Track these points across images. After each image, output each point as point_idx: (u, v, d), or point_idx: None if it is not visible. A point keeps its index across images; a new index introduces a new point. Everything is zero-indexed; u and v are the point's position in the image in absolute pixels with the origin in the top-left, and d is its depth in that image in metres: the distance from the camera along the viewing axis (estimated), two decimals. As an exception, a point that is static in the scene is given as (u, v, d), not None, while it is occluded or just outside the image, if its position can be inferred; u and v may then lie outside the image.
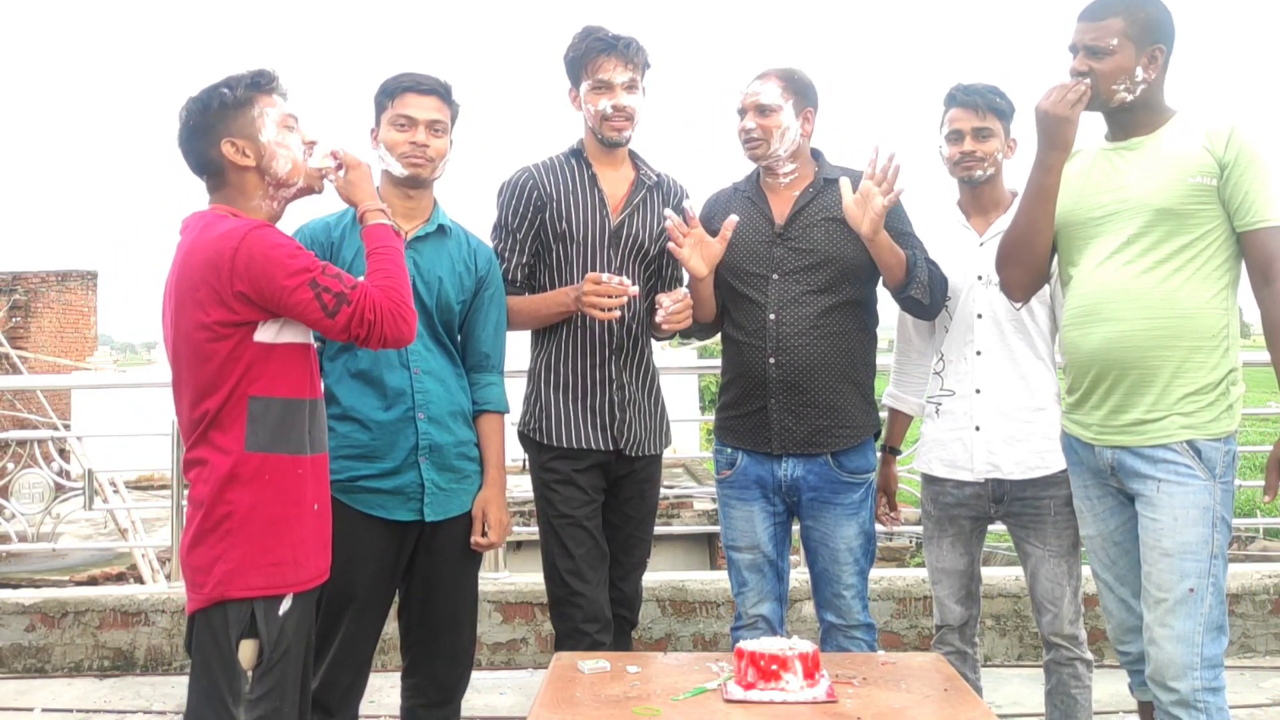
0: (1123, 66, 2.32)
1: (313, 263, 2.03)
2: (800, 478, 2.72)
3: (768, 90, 2.71)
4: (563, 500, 2.77)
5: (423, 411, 2.56)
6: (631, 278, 2.79)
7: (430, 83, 2.61)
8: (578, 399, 2.78)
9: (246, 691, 2.03)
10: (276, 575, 2.05)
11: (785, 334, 2.69)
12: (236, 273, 1.97)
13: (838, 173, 2.75)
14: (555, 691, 2.22)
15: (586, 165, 2.83)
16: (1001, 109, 2.73)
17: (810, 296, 2.69)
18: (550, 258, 2.82)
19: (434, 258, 2.63)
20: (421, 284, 2.58)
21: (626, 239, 2.81)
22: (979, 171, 2.74)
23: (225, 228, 2.02)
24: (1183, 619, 2.20)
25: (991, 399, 2.71)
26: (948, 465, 2.77)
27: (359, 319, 2.03)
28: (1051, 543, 2.69)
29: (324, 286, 2.01)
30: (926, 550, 2.86)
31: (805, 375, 2.69)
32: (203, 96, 2.10)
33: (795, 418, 2.70)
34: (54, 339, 16.65)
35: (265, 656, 2.04)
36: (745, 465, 2.77)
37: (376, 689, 3.47)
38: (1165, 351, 2.27)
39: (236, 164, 2.10)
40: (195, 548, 2.05)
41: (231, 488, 2.03)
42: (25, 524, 4.71)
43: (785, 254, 2.72)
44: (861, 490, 2.75)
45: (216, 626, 2.02)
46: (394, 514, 2.54)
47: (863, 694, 2.19)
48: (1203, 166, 2.28)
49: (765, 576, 2.79)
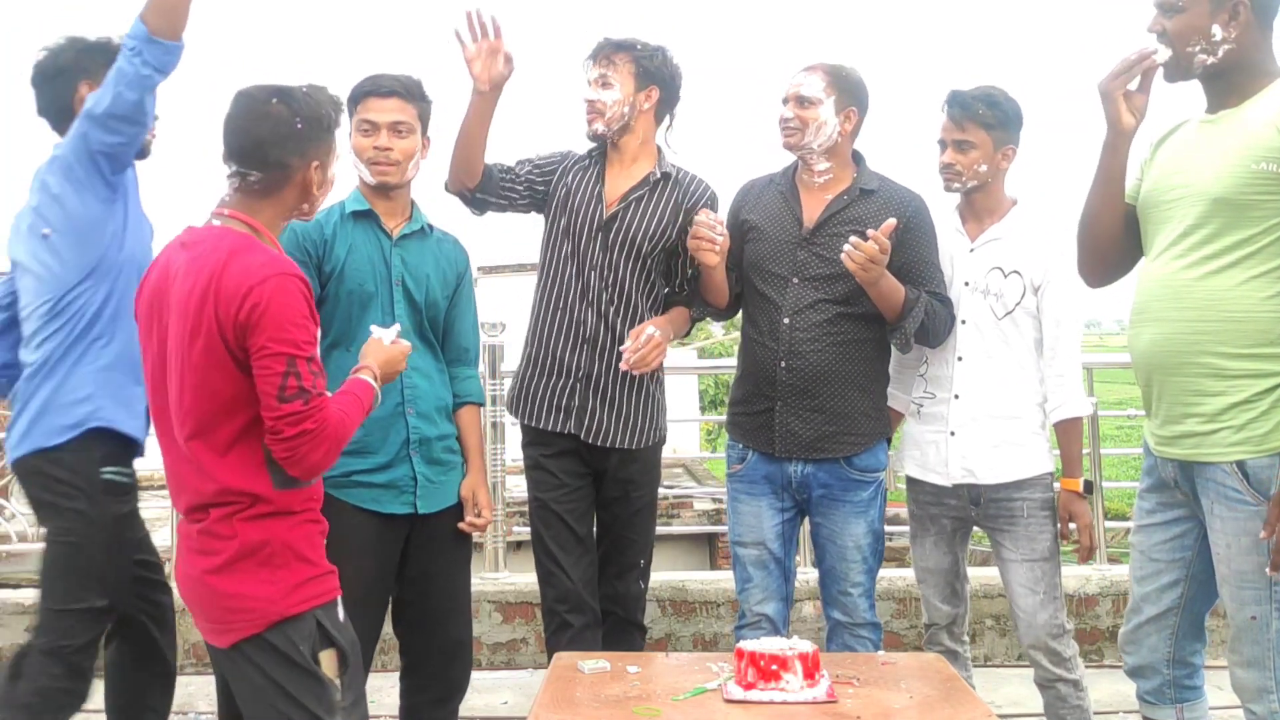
0: (1195, 25, 2.08)
1: (308, 343, 1.93)
2: (810, 474, 2.74)
3: (811, 82, 2.72)
4: (536, 484, 2.84)
5: (412, 406, 2.59)
6: (617, 271, 2.79)
7: (389, 83, 2.58)
8: (544, 381, 2.82)
9: (340, 701, 1.98)
10: (329, 582, 2.02)
11: (798, 339, 2.70)
12: (243, 308, 1.89)
13: (876, 181, 2.76)
14: (555, 691, 2.22)
15: (599, 158, 2.86)
16: (988, 120, 2.65)
17: (826, 304, 2.70)
18: (546, 243, 2.86)
19: (420, 256, 2.65)
20: (411, 281, 2.60)
21: (616, 233, 2.79)
22: (956, 183, 2.72)
23: (255, 260, 1.92)
24: (1249, 645, 2.13)
25: (969, 405, 2.70)
26: (922, 467, 2.78)
27: (297, 420, 1.88)
28: (1024, 546, 2.66)
29: (297, 370, 1.89)
30: (912, 549, 2.88)
31: (814, 382, 2.70)
32: (312, 107, 2.03)
33: (802, 422, 2.71)
34: (54, 339, 16.60)
35: (349, 661, 2.02)
36: (755, 461, 2.79)
37: (376, 689, 3.45)
38: (1210, 358, 2.09)
39: (306, 184, 2.04)
40: (229, 575, 1.94)
41: (271, 519, 1.96)
42: (25, 524, 4.71)
43: (808, 258, 2.72)
44: (871, 489, 2.75)
45: (283, 647, 1.94)
46: (387, 507, 2.57)
47: (863, 694, 2.19)
48: (1270, 150, 2.02)
49: (770, 574, 2.79)
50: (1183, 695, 2.33)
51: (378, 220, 2.63)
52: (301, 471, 1.93)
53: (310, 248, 2.56)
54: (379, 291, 2.59)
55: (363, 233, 2.62)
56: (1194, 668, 2.34)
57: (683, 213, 2.80)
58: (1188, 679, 2.33)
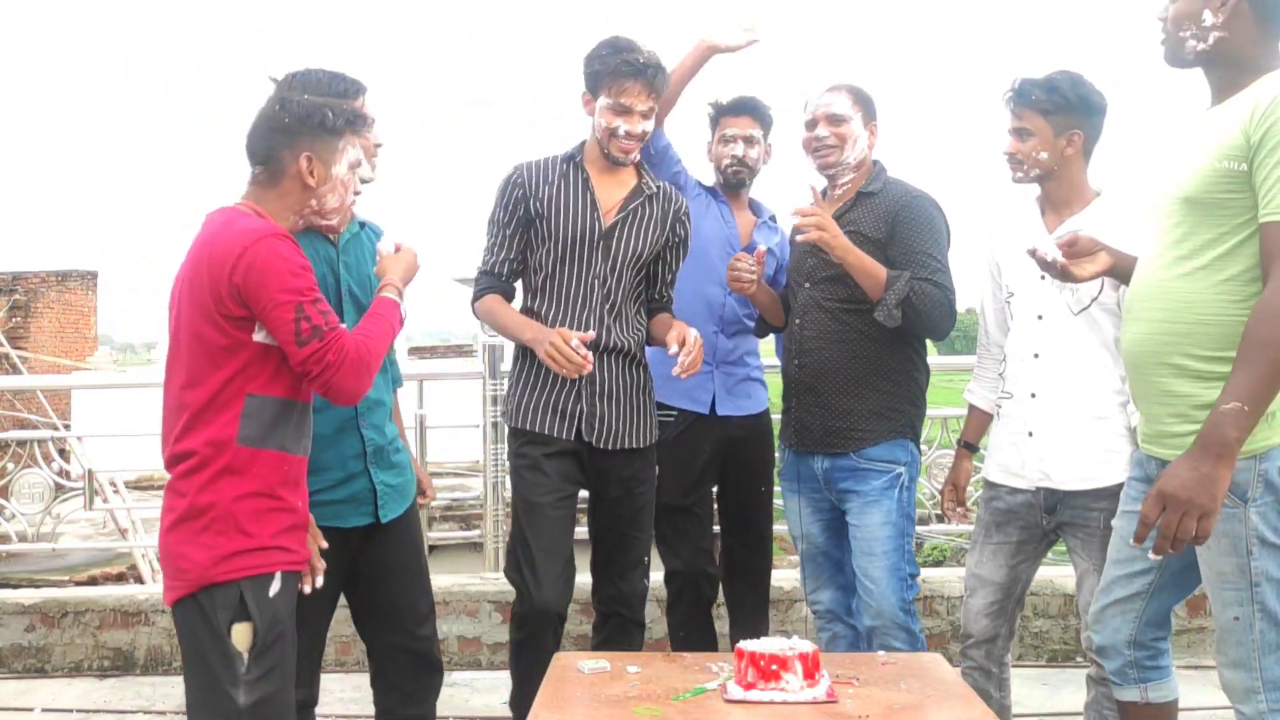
0: (1187, 9, 2.07)
1: (309, 288, 2.05)
2: (829, 469, 2.83)
3: (839, 101, 2.84)
4: (529, 486, 2.80)
5: (364, 419, 2.50)
6: (620, 281, 2.82)
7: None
8: (545, 387, 2.81)
9: (244, 673, 2.03)
10: (263, 557, 2.07)
11: (806, 338, 2.85)
12: (237, 270, 2.00)
13: (879, 184, 2.85)
14: (555, 691, 2.22)
15: (581, 169, 2.85)
16: (1044, 106, 2.57)
17: (831, 304, 2.82)
18: (539, 258, 2.83)
19: (359, 256, 2.55)
20: (356, 286, 2.52)
21: (618, 243, 2.81)
22: (1018, 172, 2.65)
23: (244, 226, 2.05)
24: (1234, 646, 2.11)
25: (1047, 404, 2.60)
26: (1002, 470, 2.69)
27: (320, 357, 2.04)
28: (1098, 557, 2.52)
29: (306, 315, 2.03)
30: (969, 556, 2.80)
31: (820, 378, 2.82)
32: (306, 107, 2.15)
33: (812, 417, 2.85)
34: (54, 339, 16.65)
35: (260, 638, 2.05)
36: (790, 458, 2.96)
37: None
38: (1183, 359, 2.08)
39: (301, 178, 2.14)
40: (175, 533, 2.06)
41: (220, 480, 2.04)
42: (25, 524, 4.71)
43: (817, 264, 2.85)
44: (885, 478, 2.76)
45: (206, 612, 2.03)
46: (349, 521, 2.49)
47: (863, 694, 2.18)
48: (1234, 148, 1.98)
49: (819, 565, 2.95)
50: (1146, 675, 2.33)
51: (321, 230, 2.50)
52: (344, 399, 2.13)
53: None
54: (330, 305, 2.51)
55: (309, 246, 2.43)
56: (1157, 650, 2.33)
57: (669, 222, 2.88)
58: (1149, 660, 2.32)
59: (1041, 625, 4.08)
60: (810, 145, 2.86)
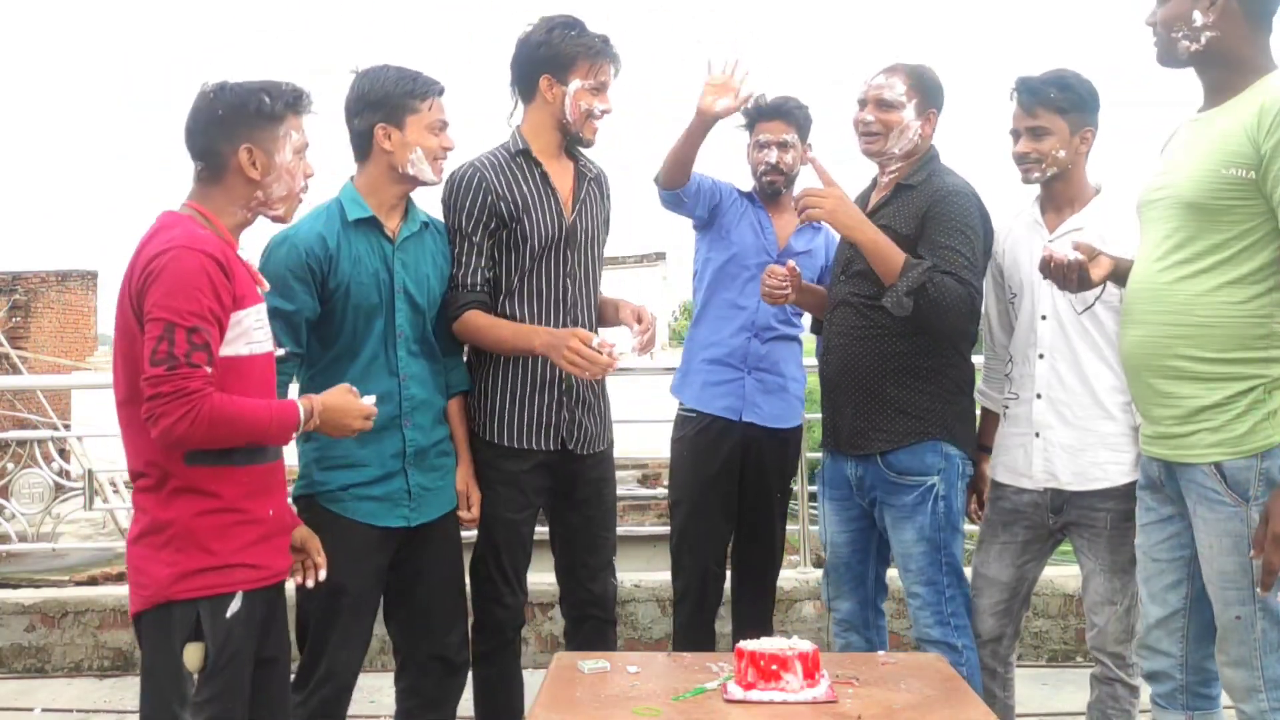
0: (1177, 11, 2.06)
1: (193, 314, 1.91)
2: (862, 477, 2.73)
3: (893, 85, 2.65)
4: (503, 502, 2.73)
5: (409, 418, 2.53)
6: (588, 273, 2.78)
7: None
8: (524, 398, 2.72)
9: (192, 694, 1.98)
10: (223, 576, 2.00)
11: (832, 334, 2.77)
12: (143, 279, 1.93)
13: (923, 175, 2.67)
14: (555, 691, 2.21)
15: (536, 164, 2.72)
16: (1061, 104, 2.53)
17: (858, 300, 2.69)
18: (511, 261, 2.70)
19: (419, 255, 2.58)
20: (413, 286, 2.54)
21: (582, 235, 2.77)
22: (1036, 173, 2.59)
23: (166, 235, 1.97)
24: (1235, 645, 2.11)
25: (1052, 405, 2.59)
26: (1009, 471, 2.68)
27: (156, 384, 1.88)
28: (1104, 557, 2.55)
29: (172, 338, 1.88)
30: (975, 555, 2.78)
31: (844, 374, 2.72)
32: (240, 94, 2.05)
33: (839, 415, 2.76)
34: (54, 339, 16.66)
35: (211, 660, 1.99)
36: (828, 463, 2.84)
37: (376, 689, 3.45)
38: (1182, 361, 2.09)
39: (243, 171, 2.06)
40: (138, 546, 2.01)
41: (178, 498, 1.98)
42: (25, 524, 4.71)
43: (853, 255, 2.69)
44: (916, 493, 2.64)
45: (161, 629, 1.99)
46: (383, 520, 2.50)
47: (863, 694, 2.18)
48: (1239, 155, 1.97)
49: (840, 574, 2.85)
50: (1195, 703, 2.27)
51: (379, 226, 2.53)
52: (158, 434, 1.91)
53: (315, 265, 2.44)
54: (383, 302, 2.51)
55: (365, 241, 2.51)
56: (1207, 674, 2.27)
57: (606, 201, 2.85)
58: (1201, 686, 2.27)
59: (1042, 625, 4.08)
60: (857, 127, 2.71)
